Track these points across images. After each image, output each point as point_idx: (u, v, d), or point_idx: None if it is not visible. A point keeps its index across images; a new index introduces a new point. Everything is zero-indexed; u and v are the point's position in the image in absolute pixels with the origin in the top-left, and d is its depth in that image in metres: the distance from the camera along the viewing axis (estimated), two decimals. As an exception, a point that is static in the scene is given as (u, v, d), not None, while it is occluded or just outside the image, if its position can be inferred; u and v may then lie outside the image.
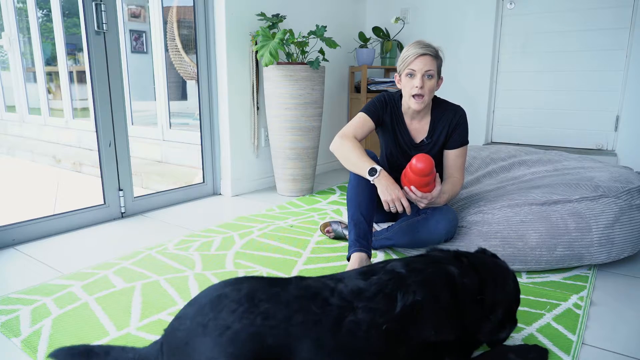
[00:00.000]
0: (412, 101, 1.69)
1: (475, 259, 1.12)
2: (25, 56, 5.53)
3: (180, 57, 4.34)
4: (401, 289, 0.94)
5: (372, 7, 3.96)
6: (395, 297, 0.93)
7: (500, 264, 1.16)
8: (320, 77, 2.79)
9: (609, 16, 3.02)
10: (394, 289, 0.94)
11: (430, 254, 1.13)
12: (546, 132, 3.39)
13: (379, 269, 1.01)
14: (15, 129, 6.03)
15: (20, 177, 4.41)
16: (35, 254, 1.92)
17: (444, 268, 1.05)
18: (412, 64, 1.65)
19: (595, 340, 1.30)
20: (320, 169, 3.62)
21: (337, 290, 0.92)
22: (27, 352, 1.23)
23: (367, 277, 0.97)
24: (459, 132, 1.77)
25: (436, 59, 1.67)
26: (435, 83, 1.69)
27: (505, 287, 1.10)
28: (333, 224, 2.11)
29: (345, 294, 0.92)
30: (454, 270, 1.05)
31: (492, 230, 1.71)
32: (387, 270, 0.99)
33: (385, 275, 0.97)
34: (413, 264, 1.03)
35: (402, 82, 1.72)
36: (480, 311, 1.04)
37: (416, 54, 1.64)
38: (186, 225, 2.32)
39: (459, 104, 1.83)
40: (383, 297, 0.93)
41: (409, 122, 1.82)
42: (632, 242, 1.72)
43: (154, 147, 4.39)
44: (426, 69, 1.64)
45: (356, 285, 0.94)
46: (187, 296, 1.55)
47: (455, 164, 1.79)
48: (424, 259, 1.08)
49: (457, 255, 1.11)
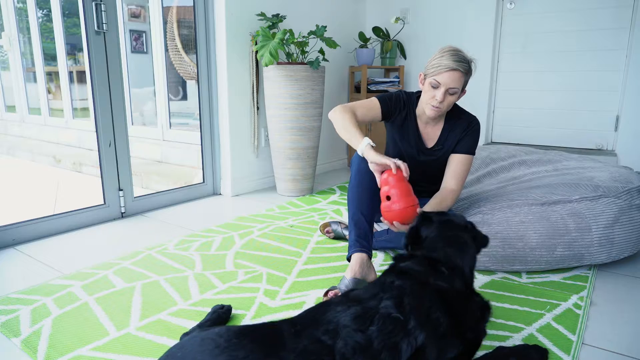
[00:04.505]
0: (428, 108, 1.63)
1: (446, 258, 1.09)
2: (25, 56, 5.53)
3: (180, 57, 4.34)
4: (404, 339, 0.88)
5: (372, 7, 3.96)
6: (400, 349, 0.87)
7: (463, 241, 1.17)
8: (320, 77, 2.79)
9: (609, 16, 3.02)
10: (397, 340, 0.87)
11: (408, 270, 1.06)
12: (546, 132, 3.39)
13: (372, 311, 0.92)
14: (15, 129, 6.03)
15: (20, 177, 4.41)
16: (35, 254, 1.92)
17: (433, 288, 1.00)
18: (440, 76, 1.55)
19: (595, 340, 1.30)
20: (320, 169, 3.62)
21: (338, 352, 0.83)
22: (27, 352, 1.23)
23: (364, 328, 0.88)
24: (468, 140, 1.71)
25: (466, 75, 1.58)
26: (457, 97, 1.62)
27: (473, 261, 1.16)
28: (333, 224, 2.11)
29: (348, 356, 0.83)
30: (442, 285, 1.01)
31: (492, 230, 1.71)
32: (383, 317, 0.90)
33: (384, 326, 0.89)
34: (406, 301, 0.94)
35: (424, 86, 1.64)
36: (473, 312, 1.03)
37: (447, 68, 1.53)
38: (186, 225, 2.32)
39: (474, 115, 1.77)
40: (388, 352, 0.86)
41: (422, 126, 1.76)
42: (632, 242, 1.72)
43: (154, 147, 4.39)
44: (452, 86, 1.56)
45: (356, 341, 0.85)
46: (187, 296, 1.55)
47: (456, 170, 1.71)
48: (411, 288, 0.98)
49: (430, 261, 1.07)
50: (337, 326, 0.87)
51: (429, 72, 1.60)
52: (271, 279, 1.68)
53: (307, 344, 0.83)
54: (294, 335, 0.85)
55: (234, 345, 0.82)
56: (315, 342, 0.84)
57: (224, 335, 0.85)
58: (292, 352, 0.81)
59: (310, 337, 0.85)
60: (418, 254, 1.12)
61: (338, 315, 0.90)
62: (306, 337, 0.84)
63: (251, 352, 0.80)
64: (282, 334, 0.86)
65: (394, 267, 1.09)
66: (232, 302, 1.50)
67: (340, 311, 0.91)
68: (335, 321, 0.89)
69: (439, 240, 1.16)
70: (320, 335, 0.85)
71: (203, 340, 0.84)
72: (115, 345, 1.26)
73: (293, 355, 0.81)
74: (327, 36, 2.96)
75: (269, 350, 0.81)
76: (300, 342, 0.83)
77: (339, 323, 0.88)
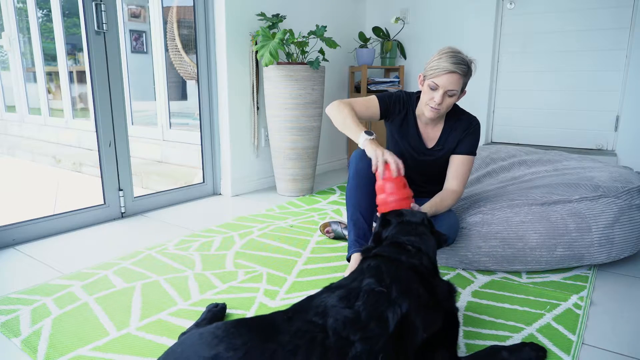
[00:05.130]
0: (427, 109, 1.63)
1: (410, 242, 1.20)
2: (25, 56, 5.53)
3: (180, 57, 4.34)
4: (389, 308, 0.94)
5: (372, 7, 3.96)
6: (386, 317, 0.93)
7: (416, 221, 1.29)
8: (320, 77, 2.79)
9: (609, 16, 3.02)
10: (384, 309, 0.94)
11: (381, 254, 1.16)
12: (546, 132, 3.39)
13: (356, 290, 0.98)
14: (15, 129, 6.03)
15: (20, 177, 4.41)
16: (35, 254, 1.92)
17: (406, 265, 1.10)
18: (438, 78, 1.55)
19: (595, 340, 1.30)
20: (320, 169, 3.62)
21: (330, 328, 0.88)
22: (27, 352, 1.23)
23: (351, 304, 0.94)
24: (468, 140, 1.71)
25: (464, 76, 1.58)
26: (456, 99, 1.62)
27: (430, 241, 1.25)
28: (333, 224, 2.11)
29: (339, 330, 0.88)
30: (414, 262, 1.12)
31: (492, 230, 1.71)
32: (367, 292, 0.97)
33: (369, 299, 0.95)
34: (385, 276, 1.03)
35: (424, 87, 1.64)
36: (442, 286, 1.13)
37: (445, 70, 1.53)
38: (186, 225, 2.32)
39: (474, 115, 1.76)
40: (376, 322, 0.91)
41: (422, 127, 1.76)
42: (632, 242, 1.72)
43: (154, 147, 4.39)
44: (450, 88, 1.55)
45: (345, 316, 0.91)
46: (187, 296, 1.55)
47: (457, 171, 1.71)
48: (386, 265, 1.08)
49: (398, 244, 1.18)
50: (326, 308, 0.93)
51: (428, 74, 1.59)
52: (271, 279, 1.68)
53: (300, 325, 0.88)
54: (287, 321, 0.90)
55: (231, 334, 0.85)
56: (307, 323, 0.89)
57: (221, 327, 0.88)
58: (286, 334, 0.86)
59: (301, 320, 0.90)
60: (385, 243, 1.22)
61: (325, 299, 0.96)
62: (298, 321, 0.90)
63: (249, 340, 0.84)
64: (275, 322, 0.90)
65: (367, 255, 1.19)
66: (232, 302, 1.50)
67: (326, 297, 0.97)
68: (323, 305, 0.94)
69: (400, 233, 1.24)
70: (311, 317, 0.91)
71: (202, 335, 0.87)
72: (115, 345, 1.26)
73: (288, 336, 0.85)
74: (327, 36, 2.96)
75: (265, 336, 0.86)
76: (294, 325, 0.88)
77: (326, 305, 0.94)
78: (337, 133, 3.81)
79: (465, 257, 1.74)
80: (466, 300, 1.52)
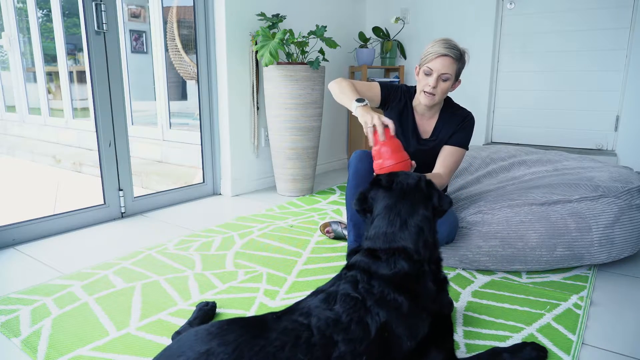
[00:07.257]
0: (422, 96, 1.67)
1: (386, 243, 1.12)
2: (25, 56, 5.53)
3: (180, 57, 4.34)
4: (367, 314, 0.99)
5: (372, 7, 3.96)
6: (366, 322, 0.97)
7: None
8: (320, 77, 2.79)
9: (609, 16, 3.02)
10: (362, 315, 0.98)
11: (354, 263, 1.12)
12: (546, 132, 3.39)
13: (334, 294, 1.03)
14: (15, 129, 6.04)
15: (20, 177, 4.41)
16: (35, 254, 1.92)
17: (377, 276, 1.06)
18: (431, 62, 1.61)
19: (595, 340, 1.30)
20: (320, 169, 3.62)
21: (314, 327, 0.95)
22: (27, 352, 1.23)
23: (330, 306, 1.00)
24: (461, 133, 1.73)
25: (458, 62, 1.62)
26: (451, 85, 1.65)
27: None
28: (333, 224, 2.11)
29: (323, 329, 0.94)
30: (384, 272, 1.07)
31: (492, 230, 1.71)
32: (343, 296, 1.02)
33: (345, 303, 1.00)
34: (360, 284, 1.05)
35: (419, 76, 1.68)
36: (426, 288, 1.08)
37: (437, 54, 1.59)
38: (186, 225, 2.32)
39: (469, 110, 1.78)
40: (357, 325, 0.96)
41: (418, 118, 1.80)
42: (632, 242, 1.72)
43: (154, 147, 4.39)
44: (443, 72, 1.60)
45: (327, 316, 0.97)
46: (187, 296, 1.55)
47: (445, 160, 1.72)
48: (361, 277, 1.07)
49: (372, 253, 1.12)
50: (310, 309, 1.00)
51: (422, 61, 1.66)
52: (271, 279, 1.68)
53: (286, 324, 0.96)
54: (275, 320, 0.98)
55: (224, 331, 0.92)
56: (293, 322, 0.97)
57: (215, 325, 0.95)
58: (275, 331, 0.93)
59: (288, 320, 0.98)
60: (363, 248, 1.17)
61: (309, 302, 1.04)
62: (285, 320, 0.97)
63: (240, 336, 0.90)
64: (265, 321, 0.98)
65: (347, 262, 1.19)
66: (233, 302, 1.50)
67: (310, 299, 1.05)
68: (307, 306, 1.02)
69: (383, 218, 1.15)
70: (297, 317, 0.98)
71: (197, 332, 0.94)
72: (115, 345, 1.26)
73: (276, 333, 0.92)
74: (327, 36, 2.96)
75: (255, 332, 0.93)
76: (281, 324, 0.96)
77: (310, 307, 1.01)
78: (337, 133, 3.82)
79: (465, 256, 1.75)
80: (466, 300, 1.52)
